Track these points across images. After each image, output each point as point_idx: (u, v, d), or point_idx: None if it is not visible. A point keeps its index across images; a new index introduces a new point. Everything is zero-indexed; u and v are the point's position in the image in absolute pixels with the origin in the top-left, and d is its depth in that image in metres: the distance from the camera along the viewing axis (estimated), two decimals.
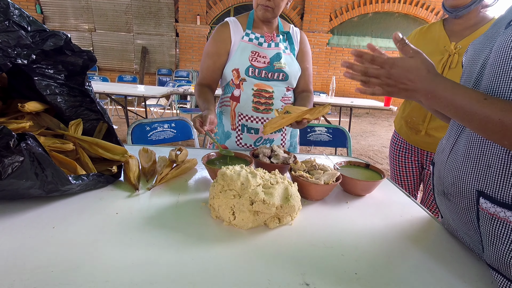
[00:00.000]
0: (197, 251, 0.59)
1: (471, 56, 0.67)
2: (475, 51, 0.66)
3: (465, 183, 0.60)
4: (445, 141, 0.71)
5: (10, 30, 0.68)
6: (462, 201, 0.61)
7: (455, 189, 0.62)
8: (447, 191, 0.65)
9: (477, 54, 0.65)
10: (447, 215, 0.70)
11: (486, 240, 0.58)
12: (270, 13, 1.22)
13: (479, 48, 0.65)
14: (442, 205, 0.71)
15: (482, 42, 0.65)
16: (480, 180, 0.57)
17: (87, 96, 0.88)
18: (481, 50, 0.64)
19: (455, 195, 0.63)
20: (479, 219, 0.59)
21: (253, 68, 1.25)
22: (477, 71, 0.62)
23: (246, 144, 1.37)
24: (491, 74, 0.56)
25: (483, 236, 0.59)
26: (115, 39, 7.23)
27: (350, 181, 0.89)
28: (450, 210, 0.66)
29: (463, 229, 0.66)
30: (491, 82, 0.55)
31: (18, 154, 0.58)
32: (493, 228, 0.55)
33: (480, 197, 0.57)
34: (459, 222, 0.65)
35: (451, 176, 0.63)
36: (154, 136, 1.62)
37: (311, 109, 1.05)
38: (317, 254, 0.61)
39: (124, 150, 0.86)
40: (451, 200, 0.65)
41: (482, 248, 0.61)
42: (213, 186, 0.75)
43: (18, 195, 0.67)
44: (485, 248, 0.59)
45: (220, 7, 7.04)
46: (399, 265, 0.60)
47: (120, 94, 3.72)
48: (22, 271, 0.50)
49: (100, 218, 0.68)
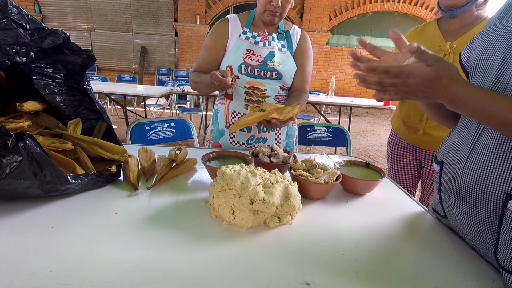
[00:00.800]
0: (197, 250, 0.59)
1: (483, 50, 0.64)
2: (488, 46, 0.63)
3: (491, 186, 0.57)
4: (460, 140, 0.67)
5: (8, 28, 0.68)
6: (485, 203, 0.59)
7: (477, 191, 0.60)
8: (464, 193, 0.63)
9: (491, 49, 0.62)
10: (458, 216, 0.67)
11: (509, 243, 0.56)
12: (277, 18, 1.24)
13: (492, 42, 0.62)
14: (453, 206, 0.68)
15: (495, 35, 0.62)
16: (511, 182, 0.55)
17: (86, 96, 0.87)
18: (496, 44, 0.61)
19: (475, 197, 0.60)
20: (501, 222, 0.57)
21: (246, 65, 1.25)
22: (496, 66, 0.60)
23: (239, 142, 1.36)
24: None
25: (503, 240, 0.57)
26: (114, 38, 7.22)
27: (350, 180, 0.89)
28: (465, 212, 0.64)
29: (476, 230, 0.64)
30: None
31: (16, 154, 0.58)
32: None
33: (510, 200, 0.55)
34: (474, 224, 0.63)
35: (473, 177, 0.60)
36: (153, 135, 1.62)
37: (278, 108, 1.03)
38: (317, 253, 0.61)
39: (123, 149, 0.85)
40: (469, 202, 0.62)
41: (495, 250, 0.59)
42: (212, 186, 0.74)
43: (17, 195, 0.67)
44: (503, 251, 0.57)
45: (220, 6, 7.04)
46: (399, 263, 0.60)
47: (120, 94, 3.71)
48: (20, 272, 0.49)
49: (100, 218, 0.67)
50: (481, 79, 0.64)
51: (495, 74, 0.60)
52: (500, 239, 0.58)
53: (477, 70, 0.66)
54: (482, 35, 0.67)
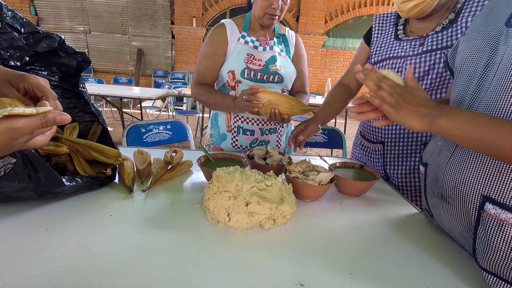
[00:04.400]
0: (192, 252, 0.59)
1: (467, 55, 0.65)
2: (472, 50, 0.64)
3: (469, 187, 0.58)
4: (442, 142, 0.69)
5: (3, 31, 0.68)
6: (464, 204, 0.60)
7: (457, 192, 0.61)
8: (446, 194, 0.64)
9: (475, 54, 0.63)
10: (443, 217, 0.69)
11: (486, 244, 0.57)
12: (276, 21, 1.25)
13: (476, 46, 0.63)
14: (437, 207, 0.70)
15: (478, 39, 0.63)
16: (487, 185, 0.56)
17: (81, 98, 0.87)
18: (480, 49, 0.62)
19: (455, 199, 0.62)
20: (478, 223, 0.58)
21: (249, 70, 1.25)
22: (480, 72, 0.60)
23: (242, 145, 1.37)
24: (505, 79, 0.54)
25: (480, 240, 0.58)
26: (111, 41, 7.19)
27: (344, 182, 0.90)
28: (448, 213, 0.66)
29: (459, 231, 0.65)
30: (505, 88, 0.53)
31: (10, 156, 0.58)
32: (498, 233, 0.54)
33: (486, 202, 0.56)
34: (456, 224, 0.65)
35: (453, 179, 0.62)
36: (149, 138, 1.61)
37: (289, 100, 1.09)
38: (312, 254, 0.62)
39: (118, 153, 0.85)
40: (451, 203, 0.64)
41: (473, 251, 0.61)
42: (208, 188, 0.75)
43: (10, 198, 0.66)
44: (481, 251, 0.58)
45: (216, 9, 7.05)
46: (393, 264, 0.61)
47: (116, 96, 3.70)
48: (14, 274, 0.49)
49: (94, 220, 0.67)
50: (465, 83, 0.65)
51: (478, 79, 0.61)
52: (476, 240, 0.59)
53: (461, 74, 0.67)
54: (466, 38, 0.69)
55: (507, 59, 0.55)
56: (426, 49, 0.97)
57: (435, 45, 0.96)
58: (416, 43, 1.00)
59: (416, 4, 0.90)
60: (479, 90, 0.60)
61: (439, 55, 0.95)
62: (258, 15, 1.24)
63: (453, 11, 0.95)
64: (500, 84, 0.54)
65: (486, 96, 0.58)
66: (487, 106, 0.56)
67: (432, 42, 0.96)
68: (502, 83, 0.54)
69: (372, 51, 1.12)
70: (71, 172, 0.82)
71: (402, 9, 0.94)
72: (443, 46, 0.94)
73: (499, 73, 0.55)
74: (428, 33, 0.99)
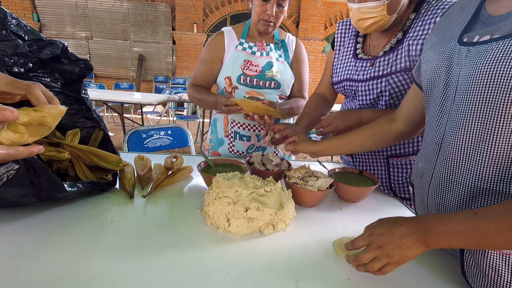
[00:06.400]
0: (192, 258, 0.59)
1: (428, 77, 0.65)
2: (432, 72, 0.64)
3: (450, 211, 0.59)
4: (423, 165, 0.69)
5: (7, 39, 0.69)
6: None
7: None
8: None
9: (434, 74, 0.63)
10: None
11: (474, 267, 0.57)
12: (271, 27, 1.26)
13: (434, 68, 0.63)
14: None
15: (434, 60, 0.64)
16: (464, 207, 0.57)
17: (83, 104, 0.88)
18: (437, 67, 0.63)
19: None
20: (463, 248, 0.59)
21: (245, 76, 1.27)
22: (440, 92, 0.62)
23: (239, 151, 1.38)
24: (470, 102, 0.53)
25: (467, 262, 0.59)
26: (112, 46, 7.25)
27: (343, 187, 0.90)
28: None
29: (450, 250, 0.67)
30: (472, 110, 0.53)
31: (13, 162, 0.58)
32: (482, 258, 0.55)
33: None
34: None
35: (436, 203, 0.63)
36: (150, 143, 1.62)
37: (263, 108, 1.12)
38: (310, 260, 0.62)
39: (118, 159, 0.86)
40: None
41: (463, 272, 0.60)
42: (208, 193, 0.75)
43: (12, 203, 0.67)
44: (470, 274, 0.59)
45: (217, 15, 7.12)
46: (392, 271, 0.61)
47: (117, 102, 3.72)
48: (15, 280, 0.49)
49: (95, 226, 0.68)
50: (433, 102, 0.65)
51: (440, 100, 0.62)
52: (465, 263, 0.59)
53: (432, 93, 0.67)
54: (425, 59, 0.68)
55: (462, 83, 0.55)
56: (374, 75, 0.99)
57: (381, 71, 0.97)
58: (368, 64, 1.02)
59: (373, 22, 0.90)
60: (442, 114, 0.61)
61: (385, 83, 0.96)
62: (254, 21, 1.27)
63: (401, 30, 0.96)
64: (460, 110, 0.55)
65: (450, 121, 0.59)
66: (451, 135, 0.57)
67: (379, 65, 0.98)
68: (462, 110, 0.55)
69: (334, 69, 1.15)
70: (72, 178, 0.82)
71: (360, 27, 0.94)
72: (388, 72, 0.95)
73: (457, 99, 0.56)
74: (378, 53, 1.00)
